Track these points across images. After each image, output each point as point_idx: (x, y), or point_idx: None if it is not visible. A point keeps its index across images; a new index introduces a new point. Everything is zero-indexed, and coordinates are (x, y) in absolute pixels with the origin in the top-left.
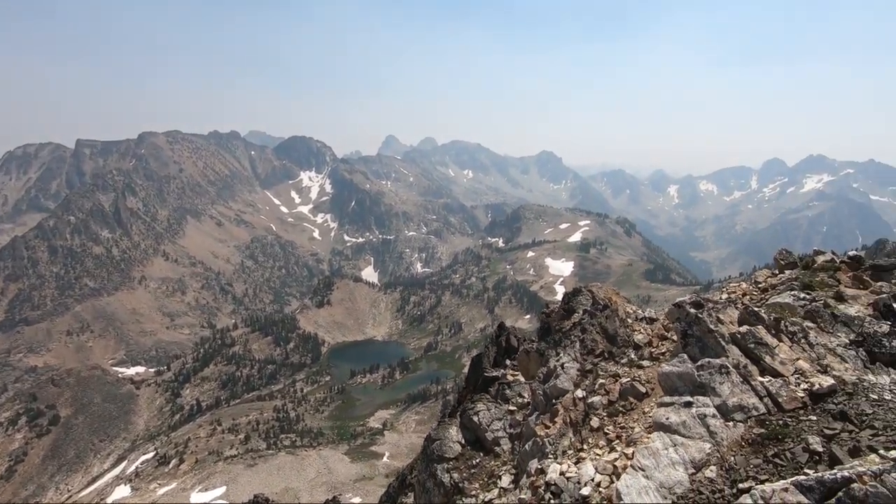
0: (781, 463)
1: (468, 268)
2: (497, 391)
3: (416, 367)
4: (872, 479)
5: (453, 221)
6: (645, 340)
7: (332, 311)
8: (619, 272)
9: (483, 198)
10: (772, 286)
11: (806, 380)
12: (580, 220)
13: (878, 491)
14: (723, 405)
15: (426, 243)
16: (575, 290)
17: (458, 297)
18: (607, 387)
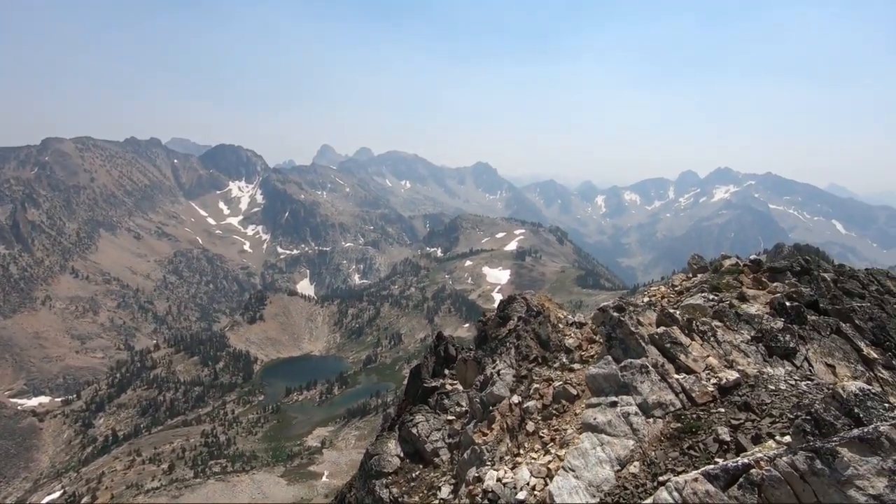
0: (696, 454)
1: (407, 278)
2: (436, 401)
3: (356, 381)
4: (768, 463)
5: (391, 232)
6: (575, 344)
7: (265, 327)
8: (553, 279)
9: (421, 208)
10: (686, 289)
11: (715, 375)
12: (515, 230)
13: (772, 475)
14: (644, 403)
15: (364, 254)
16: (510, 297)
17: (397, 308)
18: (541, 391)
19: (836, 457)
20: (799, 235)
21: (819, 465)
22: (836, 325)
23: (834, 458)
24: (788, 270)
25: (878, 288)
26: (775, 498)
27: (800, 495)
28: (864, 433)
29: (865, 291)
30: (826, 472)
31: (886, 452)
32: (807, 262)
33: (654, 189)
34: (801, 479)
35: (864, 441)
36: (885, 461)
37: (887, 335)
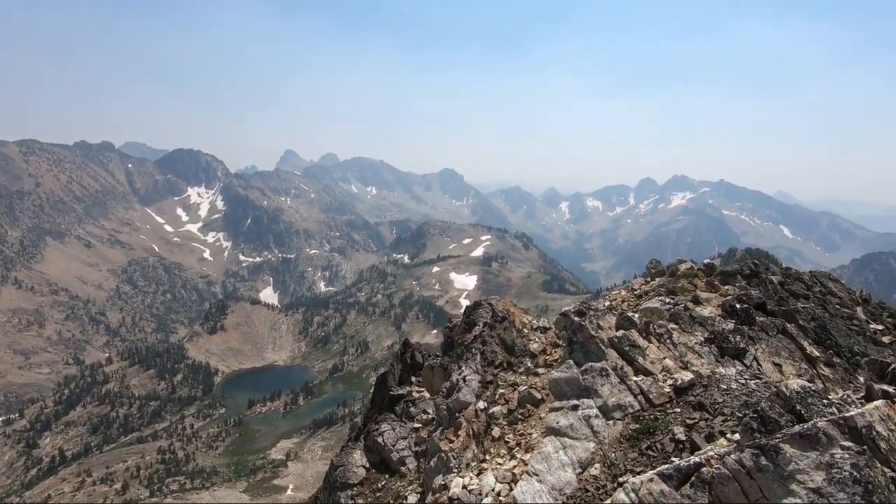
0: (653, 454)
1: (374, 285)
2: (403, 409)
3: (322, 391)
4: (718, 461)
5: (357, 238)
6: (540, 349)
7: (226, 337)
8: (519, 284)
9: (387, 214)
10: (645, 292)
11: (671, 376)
12: (482, 236)
13: (721, 472)
14: (604, 405)
15: (329, 261)
16: (475, 303)
17: (364, 316)
18: (507, 396)
19: (780, 453)
20: (750, 240)
21: (764, 461)
22: (782, 325)
23: (777, 454)
24: (739, 274)
25: (820, 289)
26: (724, 495)
27: (747, 492)
28: (804, 429)
29: (810, 293)
30: (770, 468)
31: (824, 447)
32: (756, 265)
33: (616, 196)
34: (747, 476)
35: (803, 437)
36: (823, 455)
37: (828, 334)
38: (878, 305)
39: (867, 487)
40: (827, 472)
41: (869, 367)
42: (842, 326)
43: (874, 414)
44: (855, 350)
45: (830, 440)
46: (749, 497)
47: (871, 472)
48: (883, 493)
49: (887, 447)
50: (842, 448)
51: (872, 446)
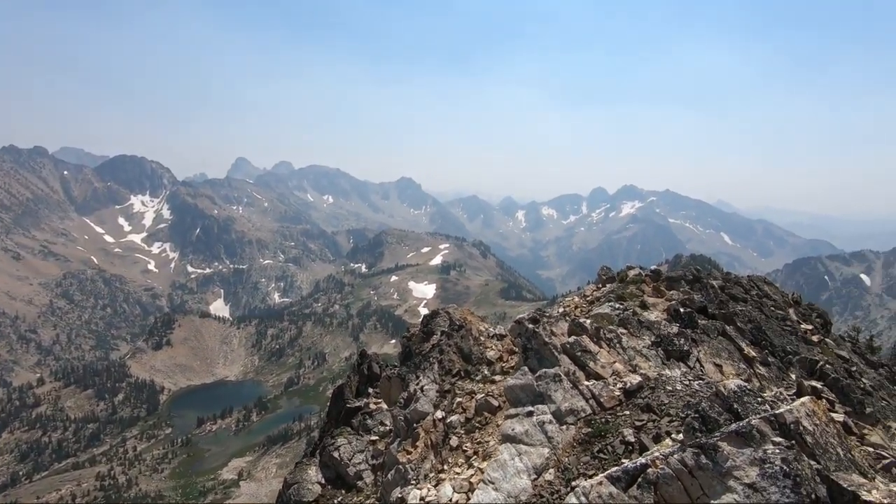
0: (605, 457)
1: (331, 295)
2: (360, 422)
3: (276, 406)
4: (662, 461)
5: (313, 248)
6: (496, 356)
7: (173, 353)
8: (477, 292)
9: (344, 223)
10: (596, 298)
11: (621, 379)
12: (440, 244)
13: (665, 472)
14: (557, 410)
15: (284, 272)
16: (433, 312)
17: (320, 327)
18: (464, 404)
19: (718, 451)
20: (694, 247)
21: (704, 459)
22: (722, 327)
23: (716, 452)
24: (683, 279)
25: (757, 293)
26: (669, 495)
27: (689, 490)
28: (740, 427)
29: (748, 296)
30: (710, 466)
31: (757, 443)
32: (698, 271)
33: (569, 204)
34: (689, 475)
35: (739, 435)
36: (756, 451)
37: (764, 335)
38: (808, 307)
39: (795, 480)
40: (760, 467)
41: (800, 365)
42: (776, 327)
43: (801, 410)
44: (787, 349)
45: (763, 437)
46: (691, 495)
47: (799, 465)
48: (809, 485)
49: (813, 441)
50: (773, 444)
51: (800, 440)
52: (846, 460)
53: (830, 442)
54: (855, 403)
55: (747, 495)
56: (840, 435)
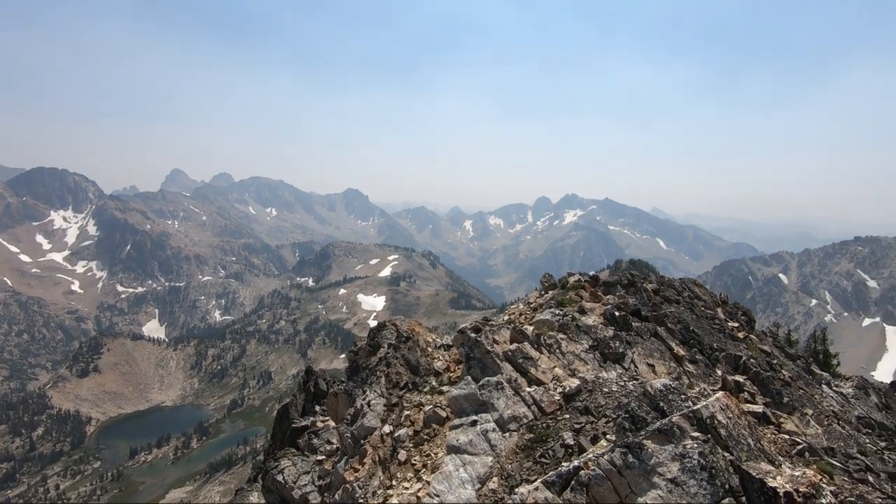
0: (546, 461)
1: (276, 311)
2: (305, 442)
3: (219, 430)
4: (593, 463)
5: (257, 263)
6: (444, 366)
7: (101, 380)
8: (427, 302)
9: (289, 236)
10: (539, 305)
11: (560, 384)
12: (389, 256)
13: (596, 473)
14: (500, 418)
15: (225, 288)
16: (379, 324)
17: (266, 344)
18: (412, 417)
19: (643, 449)
20: (633, 252)
21: (631, 458)
22: (654, 329)
23: (641, 450)
24: (619, 284)
25: (689, 294)
26: (600, 495)
27: (618, 489)
28: (662, 425)
29: (680, 297)
30: (637, 464)
31: (678, 439)
32: (632, 276)
33: (515, 213)
34: (618, 474)
35: (661, 432)
36: (677, 447)
37: (693, 334)
38: (734, 306)
39: (711, 472)
40: (681, 462)
41: (725, 361)
42: (706, 326)
43: (715, 405)
44: (715, 346)
45: (683, 432)
46: (620, 494)
47: (714, 457)
48: (723, 476)
49: (726, 433)
50: (691, 438)
51: (715, 434)
52: (756, 450)
53: (742, 433)
54: (774, 394)
55: (669, 490)
56: (751, 426)
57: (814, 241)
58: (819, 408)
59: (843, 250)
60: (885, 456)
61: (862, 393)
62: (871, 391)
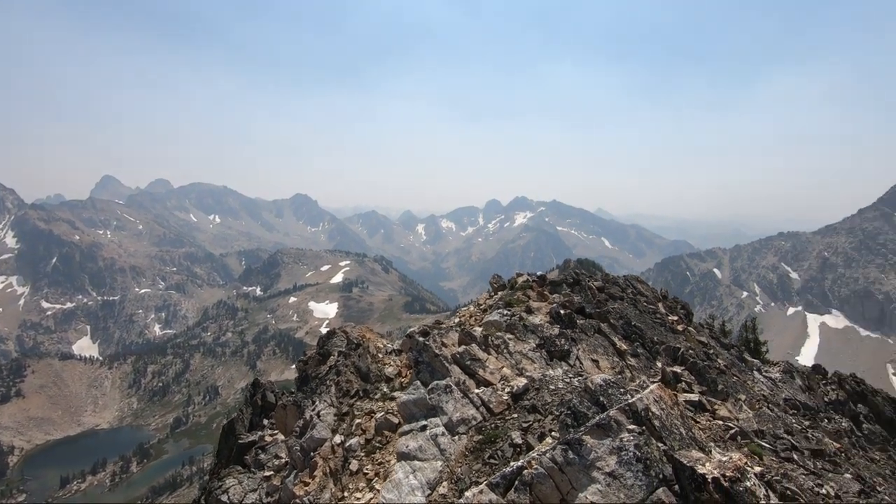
0: (495, 462)
1: (222, 322)
2: (253, 458)
3: (161, 451)
4: (536, 462)
5: (200, 272)
6: (395, 372)
7: (25, 405)
8: (381, 307)
9: (235, 244)
10: (489, 306)
11: (508, 384)
12: (340, 261)
13: (538, 472)
14: (449, 422)
15: (165, 300)
16: (329, 332)
17: (211, 358)
18: (363, 425)
19: (583, 445)
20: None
21: (571, 454)
22: (597, 325)
23: (581, 446)
24: (565, 283)
25: (632, 290)
26: (542, 494)
27: (560, 486)
28: (600, 419)
29: (624, 294)
30: (577, 460)
31: (615, 433)
32: (577, 274)
33: (467, 216)
34: (559, 471)
35: (600, 427)
36: (614, 441)
37: (635, 329)
38: (674, 300)
39: (646, 463)
40: (618, 455)
41: (665, 353)
42: (648, 320)
43: (650, 397)
44: (656, 340)
45: (620, 426)
46: (562, 491)
47: (649, 448)
48: (657, 466)
49: (660, 424)
50: (628, 431)
51: (650, 426)
52: (688, 438)
53: (675, 423)
54: (709, 382)
55: (608, 483)
56: (683, 416)
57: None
58: (751, 393)
59: (769, 245)
60: (808, 434)
61: (788, 377)
62: (795, 375)
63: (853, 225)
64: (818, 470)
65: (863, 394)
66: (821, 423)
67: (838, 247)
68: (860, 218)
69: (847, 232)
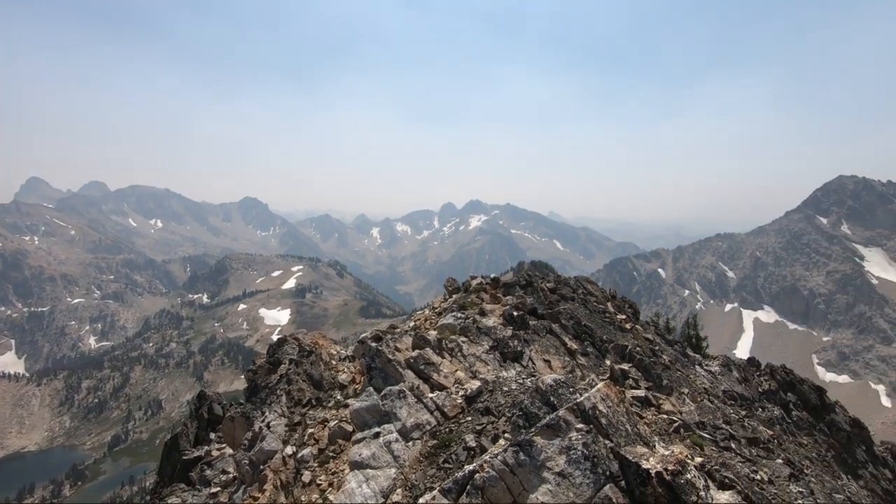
0: (449, 466)
1: (166, 332)
2: (198, 474)
3: (98, 472)
4: (488, 465)
5: (140, 280)
6: (349, 378)
7: None
8: (336, 313)
9: (178, 250)
10: (444, 310)
11: (462, 387)
12: (293, 266)
13: (490, 475)
14: (403, 428)
15: (102, 311)
16: (279, 340)
17: (154, 370)
18: (316, 435)
19: (533, 445)
20: (533, 254)
21: (522, 456)
22: (549, 326)
23: (532, 447)
24: (517, 285)
25: (583, 291)
26: (494, 496)
27: (511, 488)
28: (550, 420)
29: (575, 295)
30: (528, 461)
31: (564, 432)
32: (529, 276)
33: (422, 220)
34: (511, 473)
35: (549, 427)
36: (564, 440)
37: (585, 328)
38: (622, 300)
39: (594, 461)
40: (567, 454)
41: (614, 351)
42: (598, 320)
43: (596, 395)
44: (605, 338)
45: (568, 425)
46: (513, 493)
47: (596, 446)
48: (605, 463)
49: (607, 422)
50: (576, 430)
51: (597, 424)
52: (633, 434)
53: (621, 420)
54: (655, 378)
55: (557, 483)
56: (629, 412)
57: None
58: (693, 386)
59: (707, 246)
60: (745, 423)
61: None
62: (733, 368)
63: (781, 226)
64: (753, 457)
65: (791, 383)
66: (756, 412)
67: (768, 247)
68: (787, 220)
69: (776, 233)
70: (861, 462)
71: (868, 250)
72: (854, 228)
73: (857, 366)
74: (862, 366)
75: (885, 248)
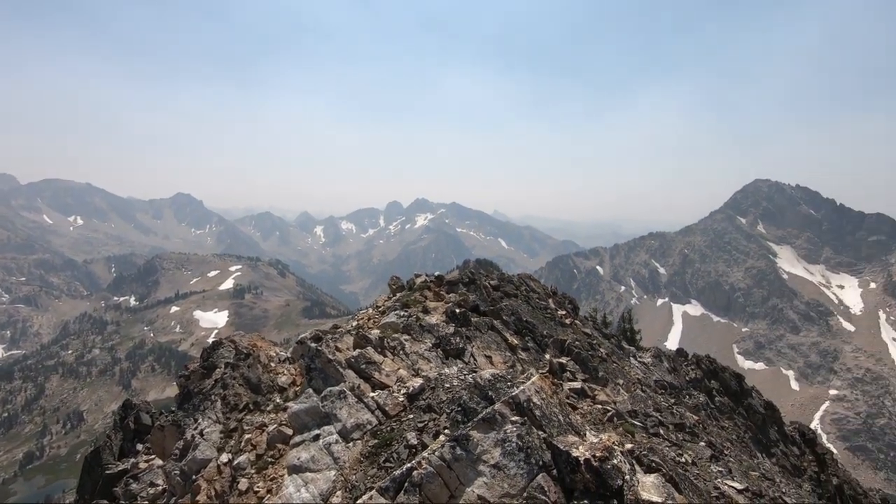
0: (391, 465)
1: (87, 338)
2: (123, 490)
3: (7, 493)
4: (425, 461)
5: (57, 282)
6: (289, 381)
7: None
8: (277, 314)
9: (102, 249)
10: (387, 308)
11: (404, 385)
12: (231, 266)
13: (427, 471)
14: (343, 429)
15: (11, 316)
16: (214, 343)
17: (73, 379)
18: (254, 440)
19: (470, 440)
20: (479, 252)
21: (459, 450)
22: (491, 322)
23: (468, 441)
24: (461, 282)
25: (525, 288)
26: (432, 493)
27: (448, 483)
28: (486, 414)
29: (518, 291)
30: (464, 455)
31: (500, 425)
32: (472, 274)
33: (367, 218)
34: (448, 468)
35: (486, 421)
36: (499, 433)
37: (526, 324)
38: (562, 296)
39: (527, 452)
40: (502, 447)
41: (553, 345)
42: (540, 315)
43: (531, 388)
44: (545, 333)
45: (504, 418)
46: (450, 488)
47: (530, 437)
48: (538, 454)
49: (541, 413)
50: (511, 423)
51: (531, 415)
52: (566, 424)
53: (554, 411)
54: (591, 370)
55: (493, 475)
56: (562, 403)
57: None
58: (627, 377)
59: (641, 244)
60: (673, 410)
61: (658, 361)
62: (663, 358)
63: (706, 226)
64: (679, 441)
65: (715, 371)
66: (683, 400)
67: (695, 245)
68: (711, 220)
69: (701, 232)
70: (773, 441)
71: (780, 248)
72: (768, 228)
73: (770, 353)
74: (775, 353)
75: (794, 245)
